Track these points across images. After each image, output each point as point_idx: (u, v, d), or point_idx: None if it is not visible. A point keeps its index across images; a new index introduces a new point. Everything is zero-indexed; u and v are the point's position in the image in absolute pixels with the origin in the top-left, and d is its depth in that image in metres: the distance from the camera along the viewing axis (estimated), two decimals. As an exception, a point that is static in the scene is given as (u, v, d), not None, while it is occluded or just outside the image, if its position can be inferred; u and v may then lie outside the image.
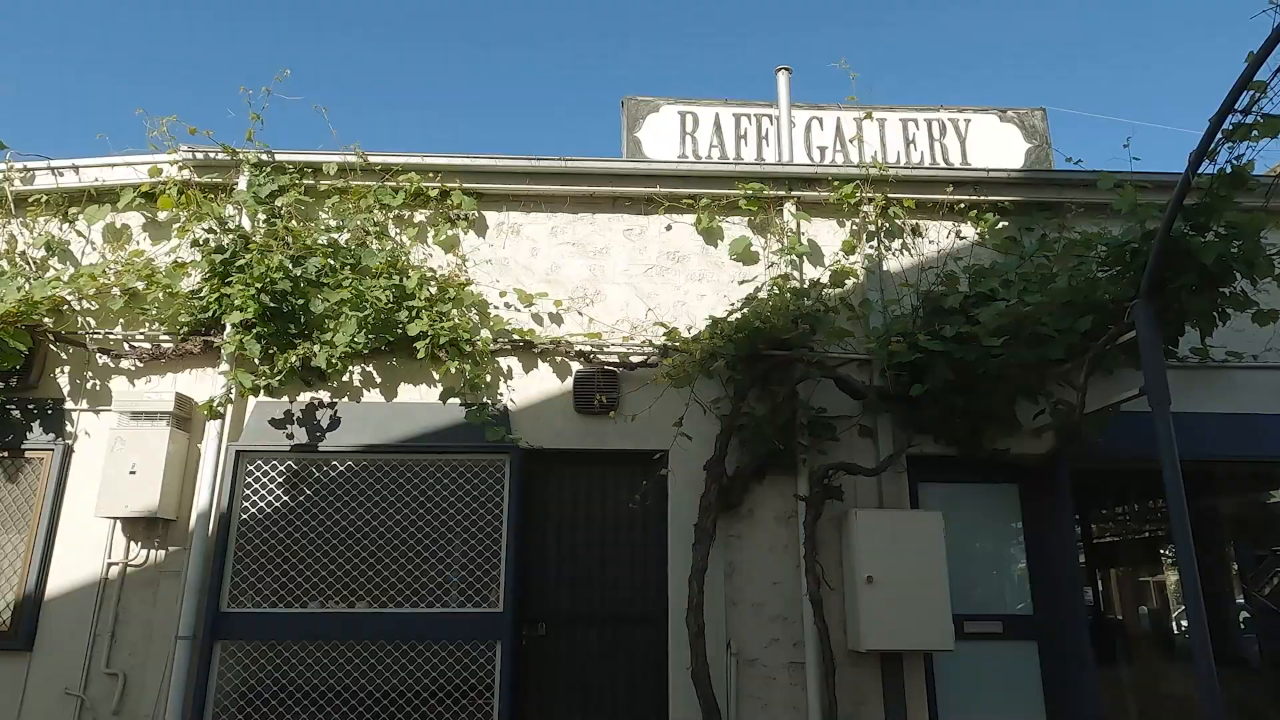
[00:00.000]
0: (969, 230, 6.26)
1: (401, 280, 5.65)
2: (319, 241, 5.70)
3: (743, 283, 5.95)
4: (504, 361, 5.85)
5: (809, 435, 5.57)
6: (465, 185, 6.06)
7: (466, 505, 5.60)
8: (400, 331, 5.57)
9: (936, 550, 5.23)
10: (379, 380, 5.79)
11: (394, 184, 6.02)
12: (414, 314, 5.57)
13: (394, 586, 5.44)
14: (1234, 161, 4.34)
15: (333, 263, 5.63)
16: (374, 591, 5.43)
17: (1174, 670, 9.15)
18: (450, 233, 6.08)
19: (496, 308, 5.95)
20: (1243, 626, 8.36)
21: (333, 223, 5.93)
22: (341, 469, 5.66)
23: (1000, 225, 6.18)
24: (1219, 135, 4.15)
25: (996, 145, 7.77)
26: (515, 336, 5.82)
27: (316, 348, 5.43)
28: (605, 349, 5.84)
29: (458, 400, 5.67)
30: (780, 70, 7.09)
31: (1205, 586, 8.32)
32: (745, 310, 5.46)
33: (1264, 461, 6.06)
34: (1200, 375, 5.86)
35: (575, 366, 5.83)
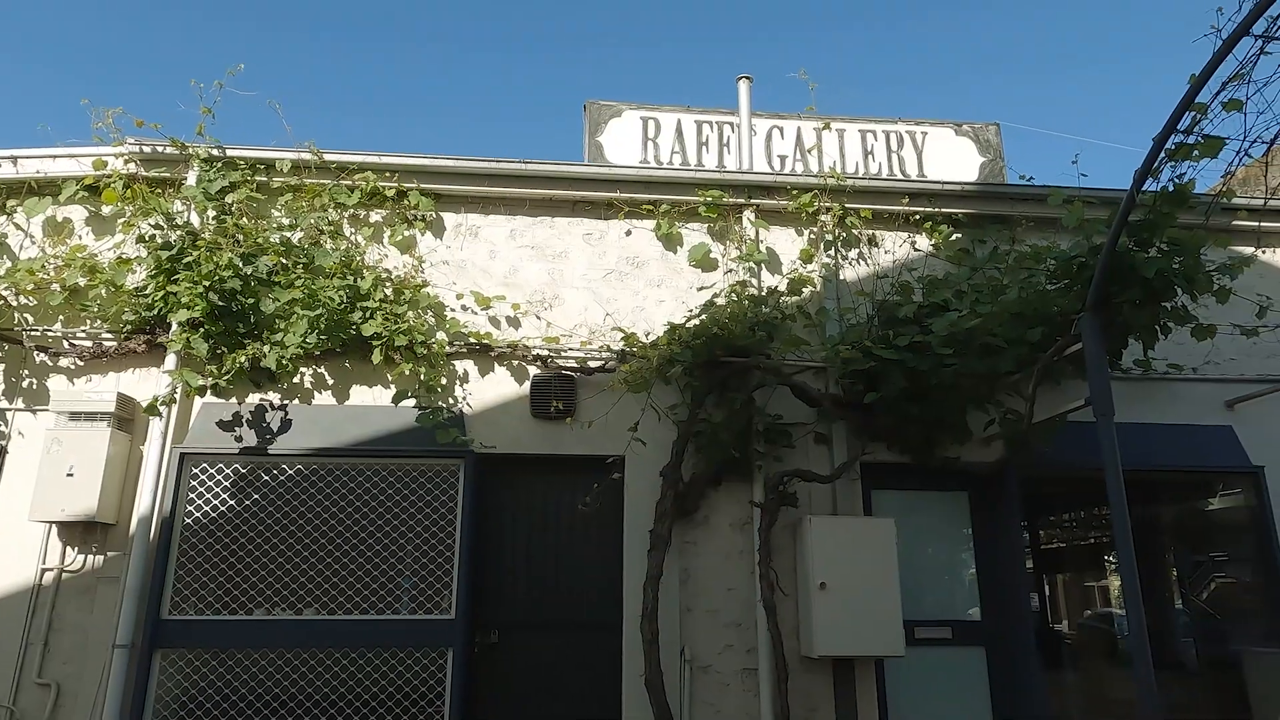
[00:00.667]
0: (924, 241, 6.36)
1: (356, 280, 5.55)
2: (271, 240, 5.58)
3: (701, 289, 5.97)
4: (460, 365, 5.78)
5: (765, 442, 5.60)
6: (423, 186, 5.99)
7: (419, 511, 5.51)
8: (354, 333, 5.48)
9: (889, 557, 5.29)
10: (331, 382, 5.69)
11: (349, 183, 5.93)
12: (368, 315, 5.48)
13: (344, 593, 5.33)
14: (1176, 180, 4.48)
15: (285, 262, 5.51)
16: (323, 598, 5.31)
17: (1117, 673, 9.38)
18: (407, 233, 6.00)
19: (453, 310, 5.88)
20: (1181, 632, 8.59)
21: (285, 221, 5.80)
22: (291, 472, 5.53)
23: (954, 237, 6.29)
24: (1162, 154, 4.27)
25: (952, 158, 7.92)
26: (472, 339, 5.75)
27: (266, 348, 5.30)
28: (563, 353, 5.81)
29: (412, 403, 5.59)
30: (741, 79, 7.14)
31: (1146, 591, 8.54)
32: (703, 317, 5.47)
33: (1202, 471, 6.25)
34: (1143, 387, 6.02)
35: (533, 371, 5.79)
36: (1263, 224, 6.11)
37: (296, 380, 5.62)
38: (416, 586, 5.40)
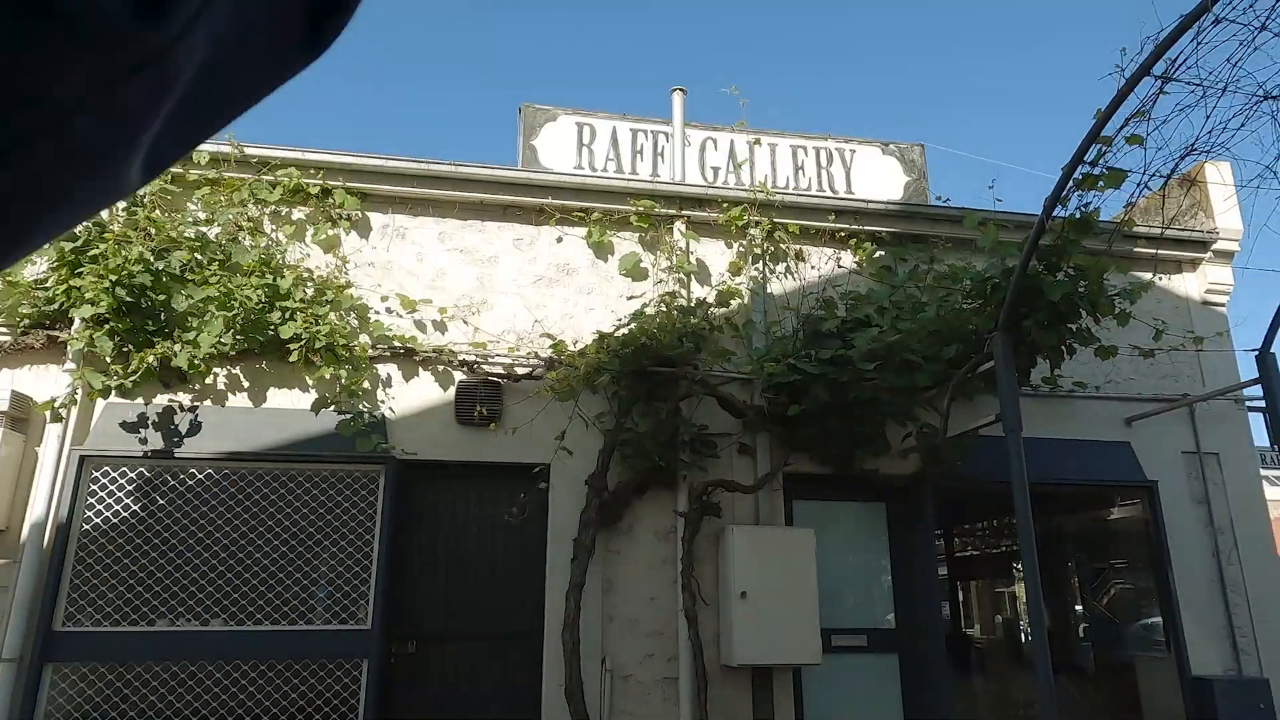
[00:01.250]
0: (848, 258, 6.52)
1: (275, 279, 5.38)
2: (185, 234, 5.36)
3: (631, 298, 5.98)
4: (383, 369, 5.66)
5: (690, 452, 5.65)
6: (349, 184, 5.84)
7: (337, 518, 5.36)
8: (272, 333, 5.30)
9: (808, 566, 5.39)
10: (246, 384, 5.49)
11: (271, 178, 5.74)
12: (288, 315, 5.32)
13: (254, 603, 5.14)
14: (1082, 209, 4.71)
15: (200, 257, 5.30)
16: (231, 608, 5.12)
17: (1023, 677, 9.77)
18: (331, 232, 5.84)
19: (377, 313, 5.75)
20: (1082, 636, 9.01)
21: (202, 215, 5.58)
22: (200, 477, 5.31)
23: (877, 254, 6.47)
24: (1070, 184, 4.49)
25: (878, 177, 8.13)
26: (396, 343, 5.63)
27: (178, 347, 5.09)
28: (490, 359, 5.75)
29: (332, 407, 5.43)
30: (675, 91, 7.19)
31: (1050, 598, 8.93)
32: (632, 326, 5.49)
33: (1102, 485, 6.58)
34: (1050, 404, 6.30)
35: (458, 376, 5.71)
36: (1160, 252, 6.46)
37: (209, 381, 5.40)
38: (332, 596, 5.25)
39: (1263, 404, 5.52)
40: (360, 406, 5.48)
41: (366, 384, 5.57)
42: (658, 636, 5.46)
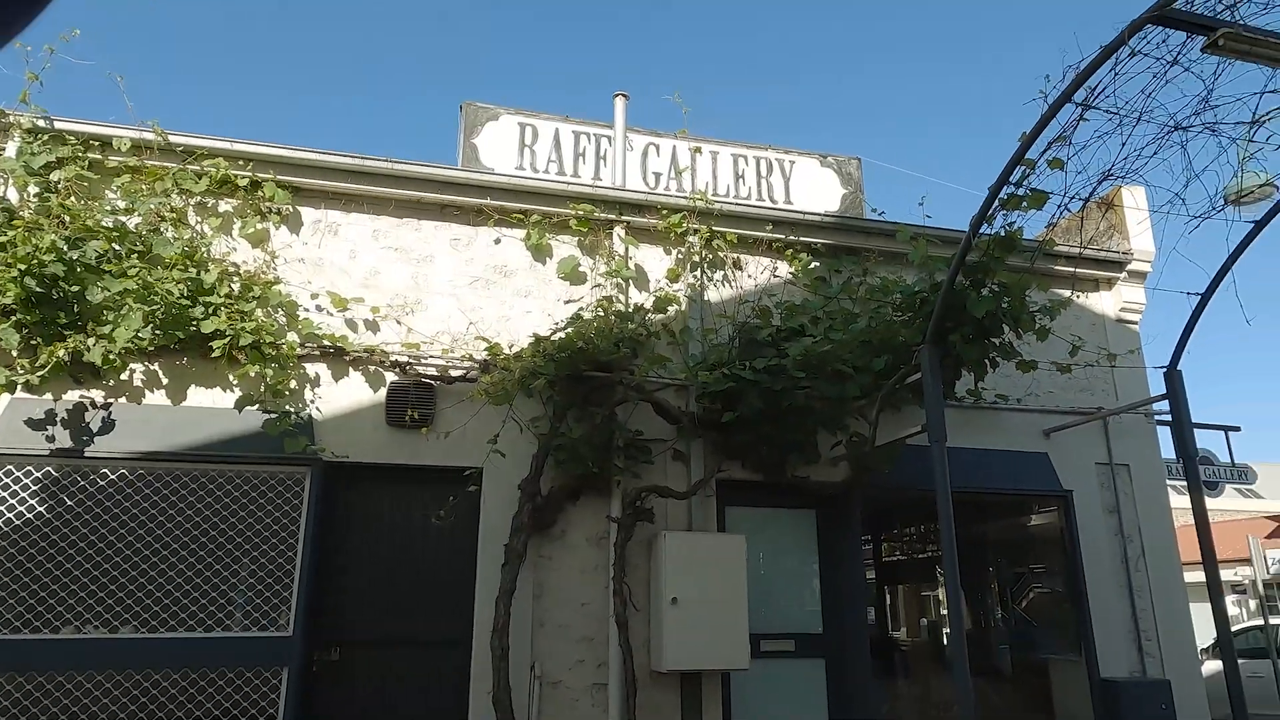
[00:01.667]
0: (784, 268, 6.61)
1: (199, 273, 5.19)
2: (103, 223, 5.13)
3: (568, 302, 5.96)
4: (311, 368, 5.51)
5: (624, 458, 5.65)
6: (280, 177, 5.68)
7: (259, 521, 5.20)
8: (194, 329, 5.11)
9: (739, 572, 5.44)
10: (165, 381, 5.28)
11: (197, 168, 5.54)
12: (211, 311, 5.13)
13: (167, 609, 4.94)
14: (1007, 227, 4.87)
15: (118, 248, 5.08)
16: (143, 614, 4.91)
17: (945, 678, 10.05)
18: (260, 226, 5.66)
19: (307, 310, 5.60)
20: (1003, 642, 9.31)
21: (121, 204, 5.35)
22: (113, 478, 5.09)
23: (812, 265, 6.58)
24: (995, 203, 4.65)
25: (816, 188, 8.29)
26: (326, 342, 5.49)
27: (91, 341, 4.86)
28: (423, 360, 5.65)
29: (256, 407, 5.27)
30: (618, 96, 7.20)
31: (971, 602, 9.19)
32: (569, 330, 5.47)
33: (1022, 494, 6.82)
34: (973, 415, 6.50)
35: (390, 377, 5.60)
36: (1078, 270, 6.74)
37: (125, 378, 5.17)
38: (251, 601, 5.08)
39: (1170, 418, 5.81)
40: (286, 406, 5.33)
41: (294, 383, 5.41)
42: (588, 642, 5.44)
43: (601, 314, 5.64)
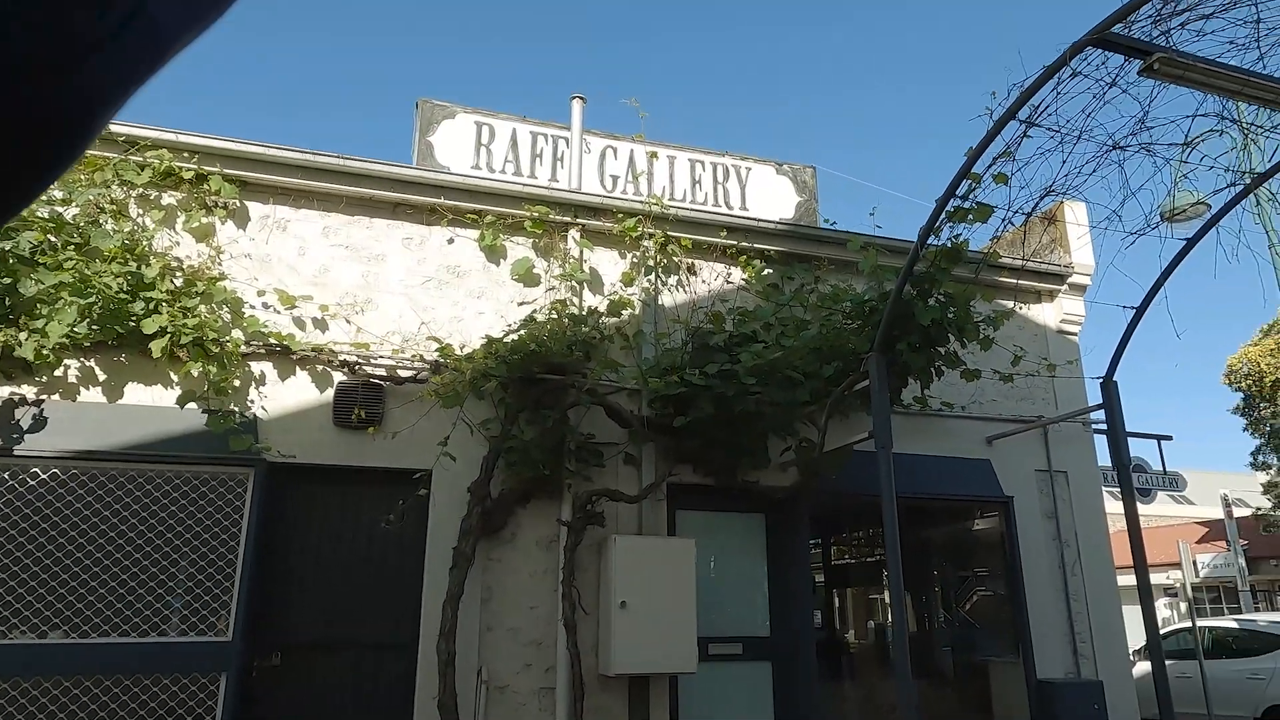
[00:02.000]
0: (738, 274, 6.67)
1: (140, 267, 5.04)
2: (37, 213, 4.95)
3: (522, 304, 5.93)
4: (256, 366, 5.39)
5: (576, 461, 5.64)
6: (227, 171, 5.55)
7: (199, 523, 5.07)
8: (134, 325, 4.96)
9: (688, 576, 5.47)
10: (102, 378, 5.12)
11: (140, 159, 5.38)
12: (152, 307, 4.99)
13: (100, 614, 4.79)
14: (953, 239, 5.00)
15: (53, 239, 4.91)
16: (74, 620, 4.74)
17: (890, 680, 10.22)
18: (205, 220, 5.53)
19: (253, 307, 5.48)
20: (946, 645, 9.52)
21: (57, 194, 5.17)
22: (45, 477, 4.91)
23: (765, 272, 6.65)
24: (943, 216, 4.76)
25: (771, 196, 8.38)
26: (272, 340, 5.38)
27: (23, 335, 4.69)
28: (373, 360, 5.57)
29: (199, 406, 5.13)
30: (575, 98, 7.20)
31: (917, 605, 9.36)
32: (522, 332, 5.44)
33: (965, 499, 6.98)
34: (919, 422, 6.63)
35: (338, 377, 5.50)
36: (1021, 282, 6.93)
37: (59, 374, 5.00)
38: (189, 606, 4.95)
39: (1105, 427, 6.01)
40: (230, 405, 5.20)
41: (238, 382, 5.29)
42: (536, 646, 5.41)
43: (555, 316, 5.63)
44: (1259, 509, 24.62)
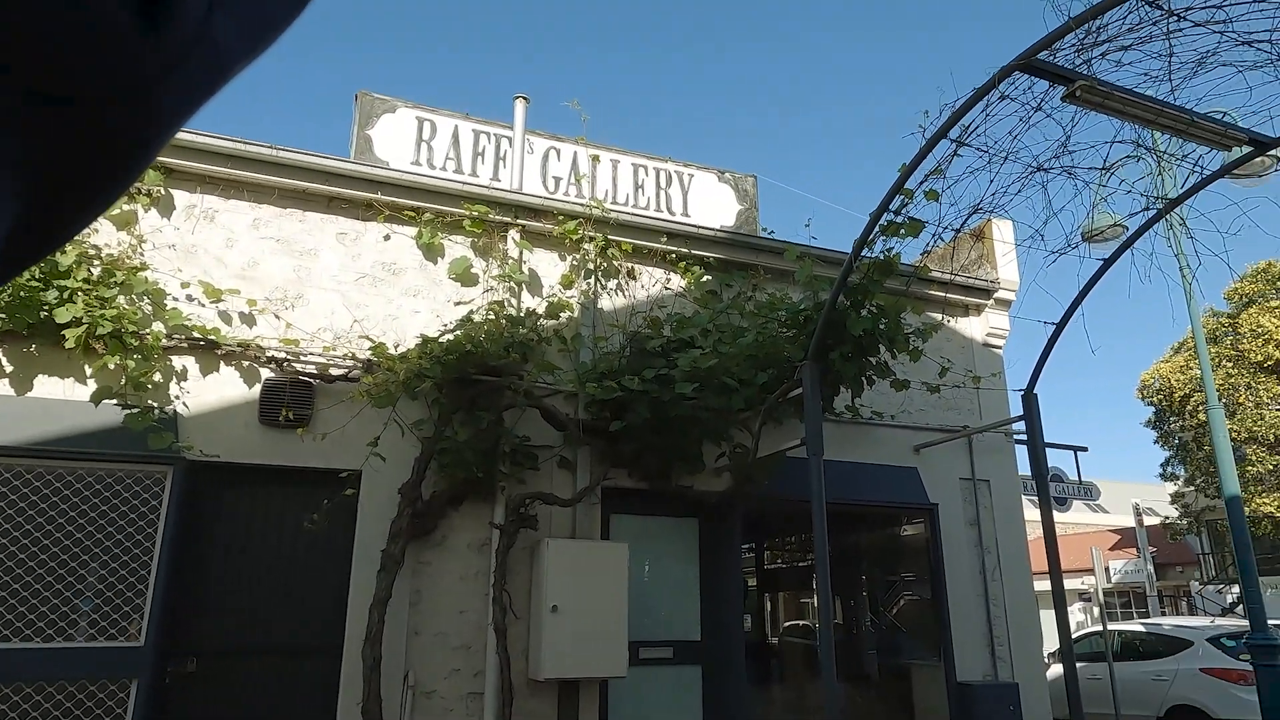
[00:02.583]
0: (677, 280, 6.72)
1: (54, 254, 4.81)
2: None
3: (459, 304, 5.86)
4: (178, 361, 5.20)
5: (510, 464, 5.59)
6: (152, 157, 5.33)
7: (112, 523, 4.86)
8: (45, 315, 4.73)
9: (620, 580, 5.47)
10: (9, 369, 4.87)
11: (57, 142, 5.13)
12: (66, 296, 4.77)
13: (2, 618, 4.54)
14: (886, 252, 5.12)
15: (-42, 223, 4.64)
16: (-29, 623, 4.49)
17: (819, 683, 10.40)
18: (127, 208, 5.31)
19: (176, 300, 5.28)
20: (872, 648, 9.73)
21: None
22: (-58, 473, 4.64)
23: (704, 279, 6.71)
24: (876, 229, 4.88)
25: (713, 203, 8.46)
26: (196, 334, 5.20)
27: (-78, 323, 4.43)
28: (302, 357, 5.43)
29: (115, 401, 4.92)
30: (518, 98, 7.15)
31: (845, 609, 9.54)
32: (459, 332, 5.37)
33: (893, 506, 7.15)
34: (850, 430, 6.78)
35: (265, 374, 5.35)
36: (949, 296, 7.15)
37: (-39, 364, 4.74)
38: (99, 610, 4.73)
39: (1026, 437, 6.23)
40: (149, 401, 5.00)
41: (158, 377, 5.09)
42: (465, 651, 5.34)
43: (493, 317, 5.58)
44: (1167, 518, 25.88)
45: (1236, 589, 20.00)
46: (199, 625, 4.97)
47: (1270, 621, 7.29)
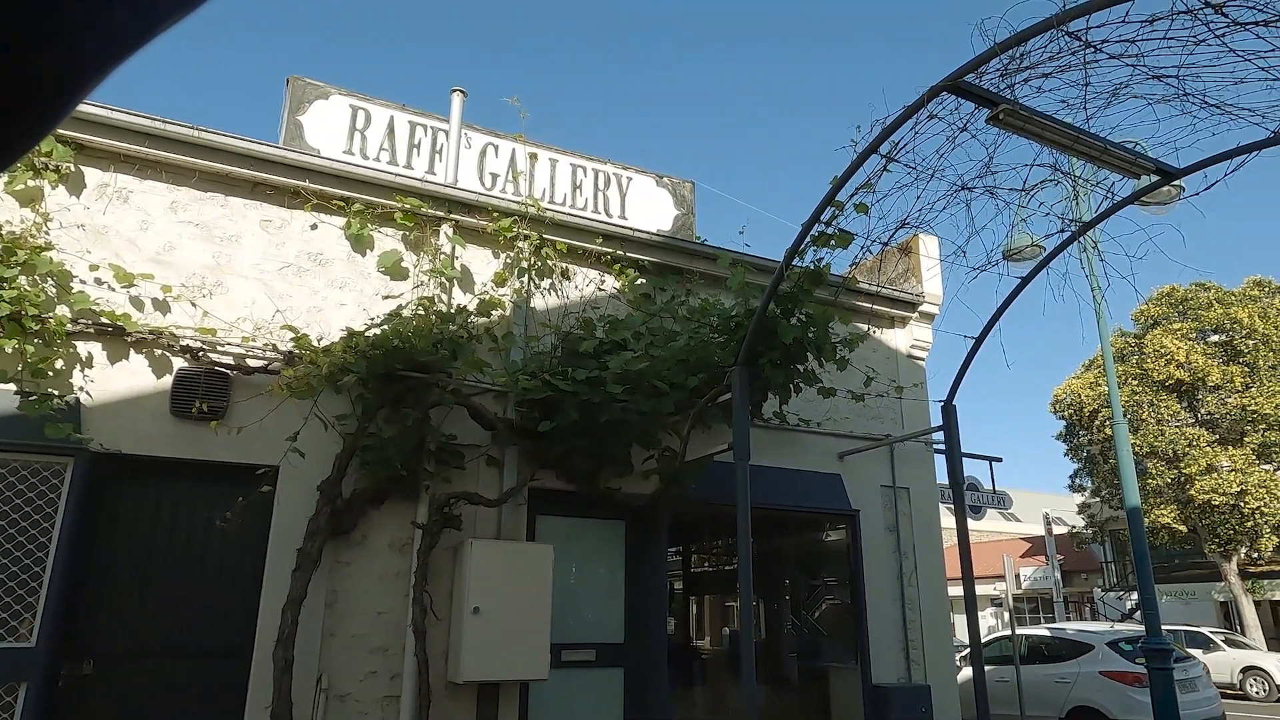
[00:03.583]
0: (611, 282, 6.71)
1: (-52, 230, 4.52)
2: None
3: (388, 298, 5.73)
4: (84, 347, 4.94)
5: (435, 462, 5.49)
6: (62, 131, 5.06)
7: (5, 516, 4.58)
8: (-64, 293, 4.44)
9: (545, 582, 5.43)
10: (-107, 350, 4.54)
11: (-44, 110, 4.82)
12: (-40, 274, 4.48)
13: (-126, 616, 4.24)
14: (816, 262, 5.21)
15: None
16: None
17: (739, 685, 10.51)
18: (32, 184, 5.02)
19: (83, 282, 5.02)
20: (792, 651, 9.90)
21: None
22: None
23: (639, 282, 6.72)
24: (807, 239, 4.96)
25: (650, 207, 8.49)
26: (104, 319, 4.94)
27: None
28: (219, 347, 5.22)
29: (12, 387, 4.64)
30: (455, 91, 7.04)
31: (768, 613, 9.67)
32: (386, 327, 5.25)
33: (817, 511, 7.29)
34: (778, 436, 6.88)
35: (179, 363, 5.12)
36: (876, 308, 7.35)
37: None
38: (-14, 608, 4.45)
39: (944, 447, 6.43)
40: (50, 389, 4.74)
41: (60, 363, 4.83)
42: (383, 653, 5.22)
43: (422, 313, 5.47)
44: (1074, 528, 27.10)
45: (1135, 595, 21.06)
46: (98, 625, 4.73)
47: (1165, 627, 7.69)
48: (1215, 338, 21.34)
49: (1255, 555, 20.74)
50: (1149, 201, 6.30)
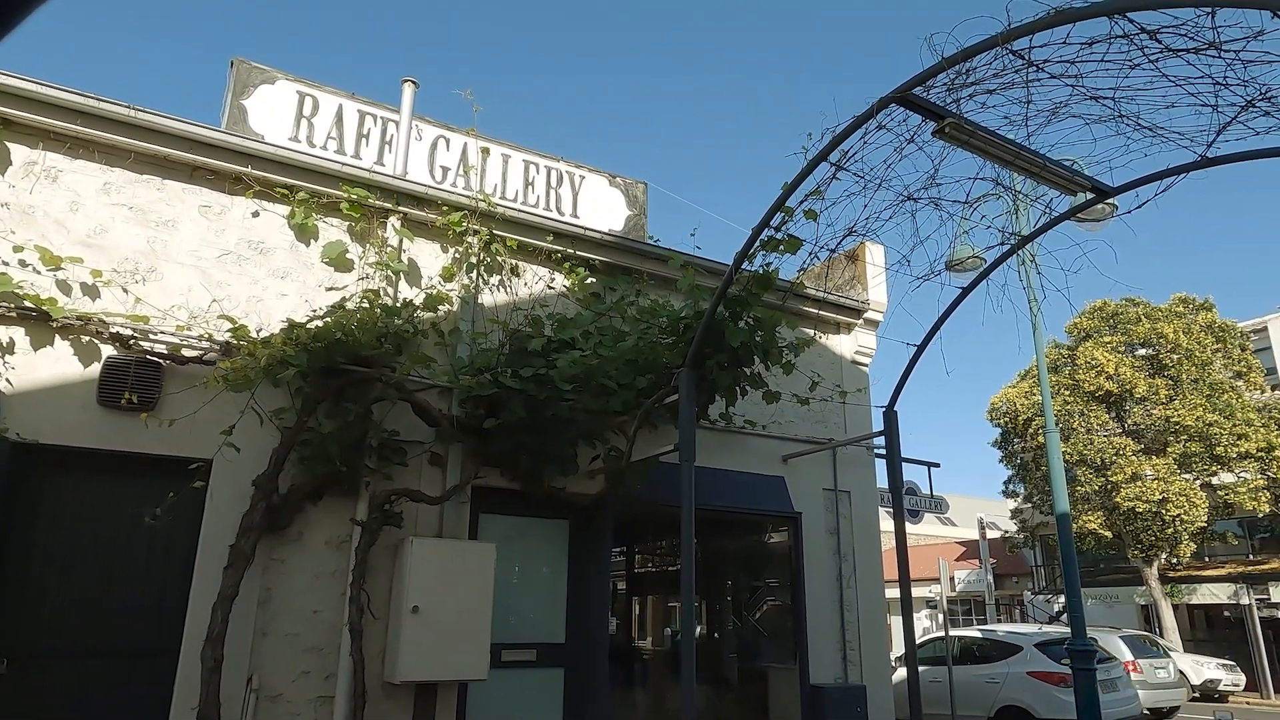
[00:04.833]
0: (561, 280, 6.68)
1: None
2: None
3: (331, 289, 5.61)
4: (5, 332, 4.72)
5: (377, 458, 5.39)
6: (-14, 105, 4.83)
7: (-88, 507, 4.35)
8: None
9: (486, 581, 5.37)
10: None
11: None
12: None
13: None
14: (765, 267, 5.27)
15: None
16: None
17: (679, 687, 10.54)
18: (-48, 159, 4.78)
19: (6, 264, 4.80)
20: (732, 652, 9.97)
21: None
22: None
23: (589, 280, 6.70)
24: (757, 244, 5.01)
25: (603, 206, 8.47)
26: (28, 303, 4.73)
27: None
28: (152, 336, 5.04)
29: (-76, 371, 4.41)
30: (406, 82, 6.93)
31: (710, 613, 9.74)
32: (329, 319, 5.13)
33: (760, 513, 7.37)
34: (723, 438, 6.93)
35: (108, 351, 4.93)
36: (822, 313, 7.46)
37: None
38: (-110, 604, 4.22)
39: (885, 452, 6.56)
40: (-34, 374, 4.51)
41: (-22, 348, 4.60)
42: (317, 652, 5.09)
43: (366, 306, 5.36)
44: (1007, 532, 27.93)
45: (1063, 598, 21.80)
46: (14, 624, 4.52)
47: (1089, 630, 7.97)
48: (1143, 351, 22.24)
49: (1175, 561, 21.68)
50: (1085, 218, 6.52)
